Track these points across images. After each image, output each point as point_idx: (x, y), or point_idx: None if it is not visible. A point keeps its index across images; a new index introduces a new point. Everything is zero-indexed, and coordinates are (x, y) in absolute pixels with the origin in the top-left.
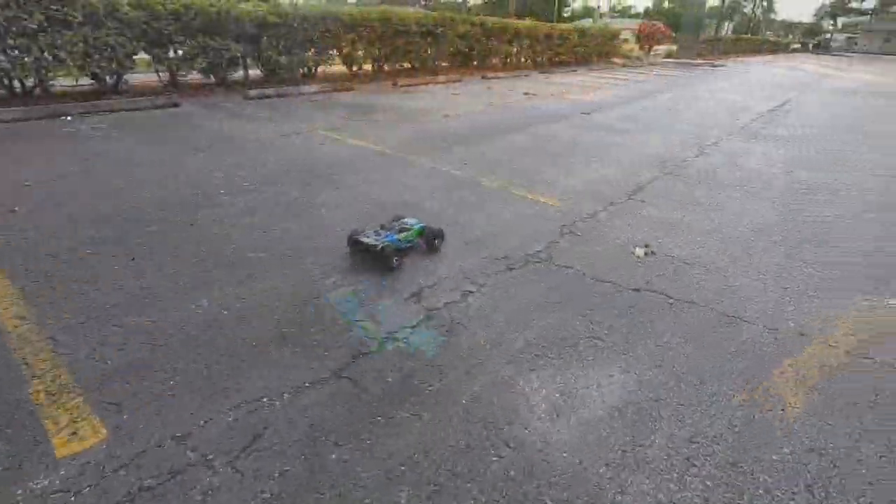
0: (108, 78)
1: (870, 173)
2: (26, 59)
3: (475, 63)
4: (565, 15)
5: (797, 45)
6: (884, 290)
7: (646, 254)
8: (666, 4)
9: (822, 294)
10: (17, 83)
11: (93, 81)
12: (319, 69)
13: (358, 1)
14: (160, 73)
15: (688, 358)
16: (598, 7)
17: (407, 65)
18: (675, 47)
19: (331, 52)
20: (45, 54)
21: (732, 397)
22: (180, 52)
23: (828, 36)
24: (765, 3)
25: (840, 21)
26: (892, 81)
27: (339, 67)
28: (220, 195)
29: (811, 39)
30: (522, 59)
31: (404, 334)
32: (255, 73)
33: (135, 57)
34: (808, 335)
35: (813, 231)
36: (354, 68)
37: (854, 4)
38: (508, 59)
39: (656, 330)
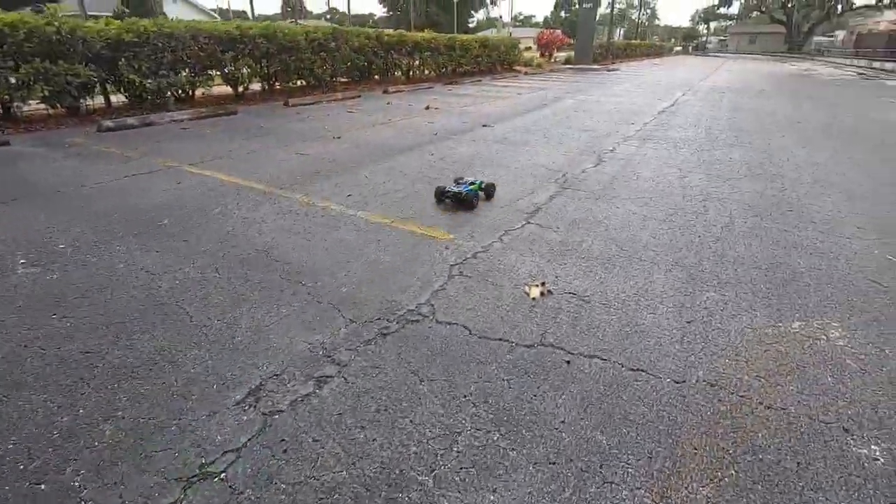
0: None
1: (750, 174)
2: None
3: (376, 77)
4: (471, 26)
5: (679, 48)
6: (785, 310)
7: (542, 293)
8: (562, 14)
9: (726, 323)
10: None
11: None
12: (198, 91)
13: (259, 16)
14: None
15: (589, 443)
16: (500, 17)
17: (302, 82)
18: (573, 53)
19: (210, 71)
20: None
21: (642, 500)
22: (13, 80)
23: (704, 39)
24: (649, 11)
25: (712, 25)
26: (752, 78)
27: (223, 88)
28: (19, 267)
29: (691, 42)
30: (426, 72)
31: (223, 465)
32: (120, 99)
33: None
34: (718, 385)
35: (709, 245)
36: (240, 88)
37: (722, 10)
38: (412, 72)
39: (552, 405)
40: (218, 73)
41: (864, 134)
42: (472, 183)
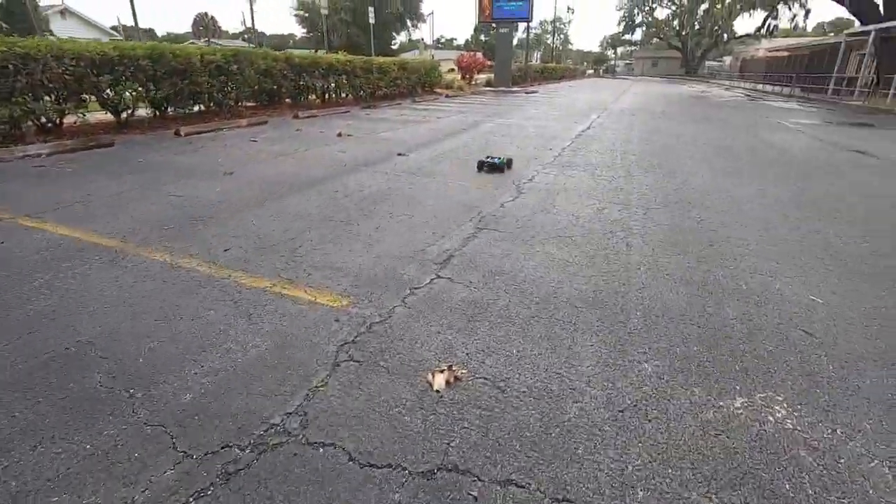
0: None
1: (666, 202)
2: None
3: (288, 101)
4: (394, 47)
5: (591, 71)
6: (724, 382)
7: (448, 381)
8: (482, 38)
9: (663, 408)
10: None
11: None
12: (67, 119)
13: (167, 35)
14: None
15: None
16: (422, 40)
17: (201, 107)
18: (493, 76)
19: (84, 96)
20: None
21: None
22: None
23: (613, 63)
24: (562, 36)
25: (619, 50)
26: (656, 101)
27: (105, 115)
28: None
29: (601, 66)
30: (343, 94)
31: None
32: None
33: None
34: None
35: (636, 294)
36: (124, 115)
37: (627, 37)
38: (327, 95)
39: None
40: (94, 98)
41: (756, 155)
42: (499, 158)
